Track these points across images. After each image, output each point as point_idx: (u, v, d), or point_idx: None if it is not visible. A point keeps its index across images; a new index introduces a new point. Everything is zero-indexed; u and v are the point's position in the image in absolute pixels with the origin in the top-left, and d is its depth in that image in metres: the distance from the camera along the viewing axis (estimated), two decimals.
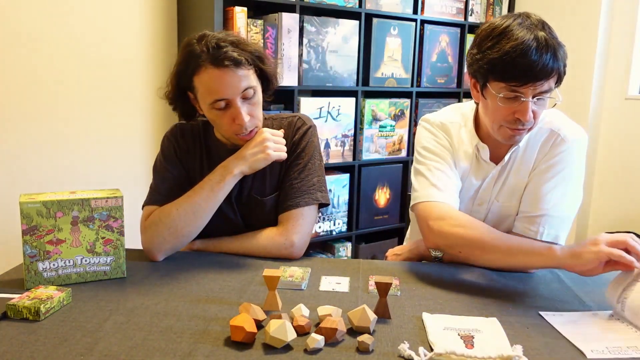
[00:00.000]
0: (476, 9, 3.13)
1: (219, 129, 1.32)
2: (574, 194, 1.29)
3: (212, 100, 1.23)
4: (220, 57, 1.20)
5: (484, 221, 1.36)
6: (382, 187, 2.93)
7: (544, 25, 1.16)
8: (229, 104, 1.24)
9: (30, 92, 2.20)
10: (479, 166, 1.34)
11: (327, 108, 2.64)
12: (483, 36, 1.19)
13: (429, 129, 1.39)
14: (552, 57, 1.13)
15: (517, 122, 1.20)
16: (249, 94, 1.25)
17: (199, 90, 1.25)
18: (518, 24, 1.15)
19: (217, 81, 1.22)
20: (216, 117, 1.27)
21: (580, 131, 1.31)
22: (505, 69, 1.14)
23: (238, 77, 1.22)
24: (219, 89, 1.22)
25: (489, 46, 1.17)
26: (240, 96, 1.24)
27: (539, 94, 1.17)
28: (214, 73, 1.21)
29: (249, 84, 1.25)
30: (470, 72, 1.25)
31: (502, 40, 1.14)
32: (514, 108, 1.18)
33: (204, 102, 1.26)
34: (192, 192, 1.29)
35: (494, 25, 1.18)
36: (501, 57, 1.14)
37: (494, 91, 1.19)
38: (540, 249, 1.16)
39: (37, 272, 1.10)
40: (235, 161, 1.29)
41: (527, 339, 0.93)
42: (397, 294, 1.12)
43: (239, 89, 1.23)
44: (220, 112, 1.25)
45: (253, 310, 0.94)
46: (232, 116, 1.25)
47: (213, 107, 1.25)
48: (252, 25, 2.32)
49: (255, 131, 1.31)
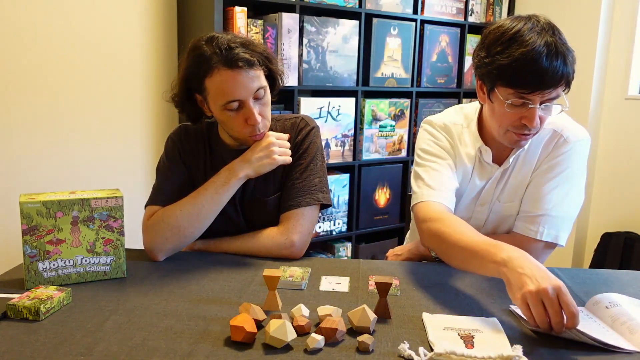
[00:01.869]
0: (476, 9, 3.13)
1: (229, 130, 1.31)
2: (575, 194, 1.29)
3: (225, 102, 1.23)
4: (233, 59, 1.20)
5: (485, 221, 1.37)
6: (382, 187, 2.93)
7: (553, 29, 1.15)
8: (241, 105, 1.24)
9: (31, 93, 2.20)
10: (482, 167, 1.34)
11: (327, 108, 2.64)
12: (492, 39, 1.17)
13: (430, 131, 1.39)
14: (562, 64, 1.11)
15: (524, 127, 1.19)
16: (260, 94, 1.26)
17: (210, 92, 1.25)
18: (528, 29, 1.13)
19: (230, 82, 1.21)
20: (228, 119, 1.27)
21: (583, 132, 1.31)
22: (514, 76, 1.13)
23: (250, 78, 1.22)
24: (232, 90, 1.22)
25: (498, 51, 1.15)
26: (252, 97, 1.24)
27: (546, 100, 1.16)
28: (227, 74, 1.21)
29: (260, 84, 1.25)
30: (478, 75, 1.24)
31: (512, 45, 1.13)
32: (521, 114, 1.17)
33: (215, 103, 1.25)
34: (197, 194, 1.29)
35: (503, 28, 1.16)
36: (510, 64, 1.12)
37: (501, 97, 1.17)
38: (488, 263, 1.03)
39: (37, 272, 1.10)
40: (241, 164, 1.29)
41: (527, 339, 0.93)
42: (397, 294, 1.12)
43: (251, 90, 1.23)
44: (232, 113, 1.25)
45: (253, 310, 0.94)
46: (245, 117, 1.25)
47: (225, 109, 1.24)
48: (252, 25, 2.32)
49: (265, 132, 1.31)
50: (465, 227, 1.17)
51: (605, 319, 0.99)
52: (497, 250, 1.02)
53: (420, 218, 1.27)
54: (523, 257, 0.98)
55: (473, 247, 1.09)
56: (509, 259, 0.98)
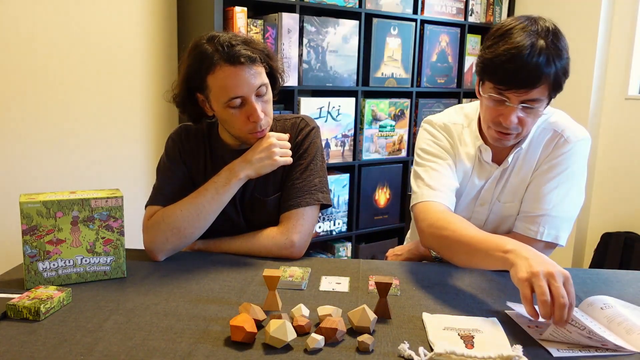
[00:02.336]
0: (476, 9, 3.13)
1: (231, 128, 1.31)
2: (575, 194, 1.29)
3: (228, 99, 1.23)
4: (235, 55, 1.20)
5: (485, 221, 1.37)
6: (382, 187, 2.93)
7: (551, 33, 1.14)
8: (243, 102, 1.25)
9: (31, 93, 2.20)
10: (482, 167, 1.34)
11: (327, 108, 2.64)
12: (489, 34, 1.20)
13: (429, 131, 1.39)
14: (544, 65, 1.11)
15: (501, 125, 1.20)
16: (263, 91, 1.26)
17: (213, 89, 1.25)
18: (521, 28, 1.13)
19: (233, 79, 1.21)
20: (230, 117, 1.27)
21: (584, 132, 1.31)
22: (493, 70, 1.15)
23: (252, 74, 1.23)
24: (235, 86, 1.22)
25: (488, 45, 1.18)
26: (254, 93, 1.25)
27: (527, 101, 1.16)
28: (229, 71, 1.21)
29: (262, 81, 1.25)
30: (475, 69, 1.27)
31: (500, 41, 1.15)
32: (500, 111, 1.19)
33: (217, 101, 1.26)
34: (197, 194, 1.29)
35: (500, 24, 1.19)
36: (492, 59, 1.15)
37: (483, 91, 1.21)
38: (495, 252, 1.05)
39: (37, 272, 1.10)
40: (241, 164, 1.29)
41: (527, 339, 0.93)
42: (397, 294, 1.12)
43: (254, 86, 1.24)
44: (234, 110, 1.25)
45: (253, 310, 0.94)
46: (247, 114, 1.25)
47: (228, 106, 1.25)
48: (252, 25, 2.32)
49: (267, 130, 1.31)
50: (467, 223, 1.19)
51: (601, 320, 0.99)
52: (504, 242, 1.05)
53: (420, 218, 1.27)
54: (529, 248, 1.01)
55: (478, 241, 1.11)
56: (516, 247, 1.02)
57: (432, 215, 1.23)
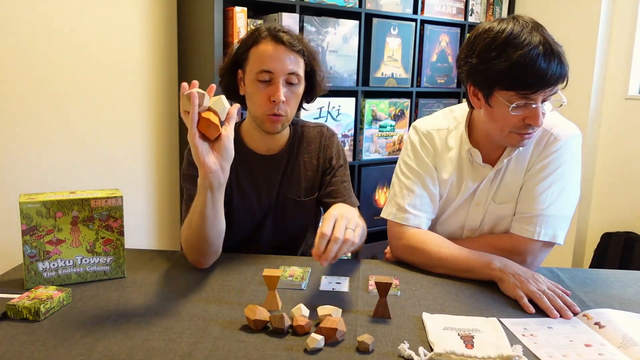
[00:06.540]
0: (476, 9, 3.13)
1: (253, 105, 1.34)
2: (570, 192, 1.28)
3: (259, 70, 1.29)
4: (279, 35, 1.31)
5: (481, 222, 1.36)
6: (382, 187, 2.93)
7: (539, 27, 1.15)
8: (271, 80, 1.30)
9: (30, 93, 2.20)
10: (475, 169, 1.33)
11: (327, 108, 2.64)
12: (484, 46, 1.16)
13: (413, 142, 1.40)
14: (559, 61, 1.12)
15: (528, 127, 1.19)
16: (293, 80, 1.32)
17: (251, 60, 1.32)
18: (519, 30, 1.13)
19: (270, 53, 1.29)
20: (256, 91, 1.31)
21: (573, 128, 1.30)
22: (516, 79, 1.13)
23: (289, 57, 1.30)
24: (270, 60, 1.29)
25: (494, 56, 1.14)
26: (284, 77, 1.30)
27: (547, 97, 1.17)
28: (269, 45, 1.30)
29: (295, 70, 1.31)
30: (472, 81, 1.22)
31: (507, 49, 1.12)
32: (524, 114, 1.17)
33: (250, 73, 1.31)
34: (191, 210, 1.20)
35: (492, 33, 1.15)
36: (510, 67, 1.12)
37: (503, 100, 1.16)
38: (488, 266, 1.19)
39: (37, 272, 1.10)
40: None
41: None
42: (397, 294, 1.12)
43: (286, 68, 1.29)
44: (261, 85, 1.30)
45: (259, 312, 0.94)
46: (270, 93, 1.30)
47: (257, 78, 1.30)
48: (252, 25, 2.32)
49: (285, 122, 1.34)
50: (446, 242, 1.28)
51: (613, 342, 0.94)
52: (490, 259, 1.20)
53: (396, 236, 1.34)
54: (516, 264, 1.19)
55: (463, 262, 1.22)
56: (504, 265, 1.18)
57: (408, 237, 1.32)
